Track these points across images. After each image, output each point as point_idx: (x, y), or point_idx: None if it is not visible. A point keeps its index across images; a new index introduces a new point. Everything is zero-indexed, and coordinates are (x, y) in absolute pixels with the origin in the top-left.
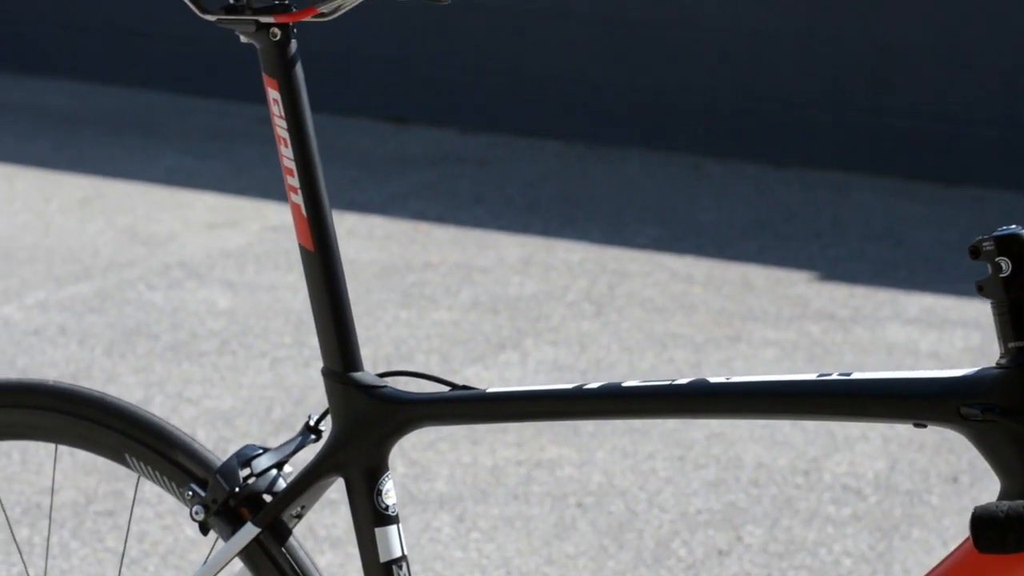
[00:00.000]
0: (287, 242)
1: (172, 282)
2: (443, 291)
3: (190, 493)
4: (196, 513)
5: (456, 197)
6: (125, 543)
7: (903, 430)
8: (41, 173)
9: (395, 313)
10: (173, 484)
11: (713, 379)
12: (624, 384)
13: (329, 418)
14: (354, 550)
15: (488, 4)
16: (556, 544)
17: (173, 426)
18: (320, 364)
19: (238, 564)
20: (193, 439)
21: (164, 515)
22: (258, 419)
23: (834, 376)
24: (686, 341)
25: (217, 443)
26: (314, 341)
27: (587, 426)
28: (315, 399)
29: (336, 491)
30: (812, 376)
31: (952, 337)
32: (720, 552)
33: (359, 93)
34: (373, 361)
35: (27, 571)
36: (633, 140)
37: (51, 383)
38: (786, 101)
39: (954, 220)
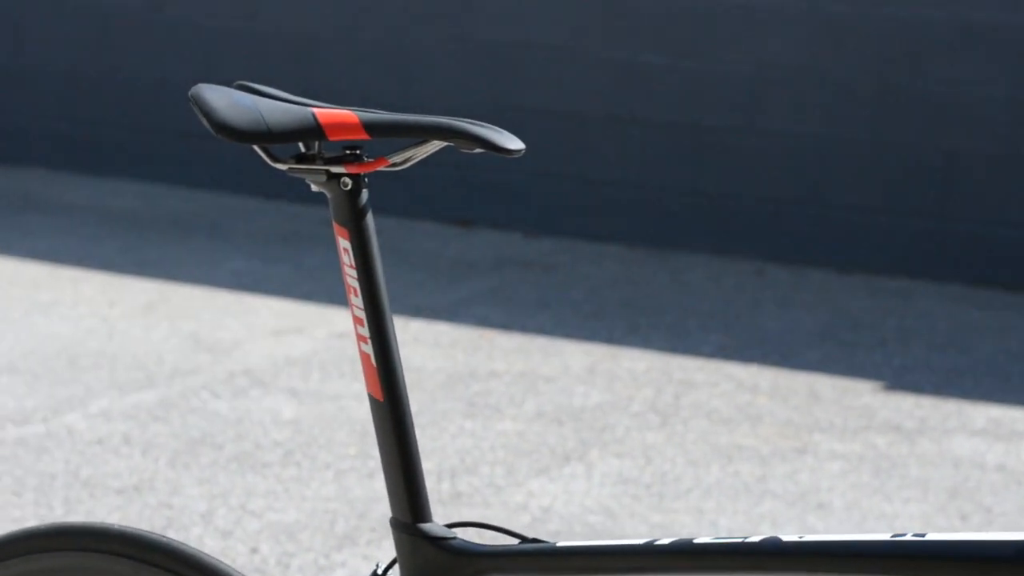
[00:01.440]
0: (352, 349)
1: (237, 390)
2: (508, 401)
3: None
4: None
5: (520, 303)
6: None
7: None
8: (106, 276)
9: (460, 423)
10: None
11: (786, 538)
12: (696, 540)
13: (397, 568)
14: None
15: (553, 108)
16: None
17: (239, 572)
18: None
19: None
20: None
21: None
22: (322, 533)
23: (908, 537)
24: (752, 453)
25: (280, 557)
26: (379, 453)
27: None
28: (379, 512)
29: None
30: (886, 536)
31: (1019, 449)
32: None
33: (424, 196)
34: (437, 474)
35: None
36: (697, 245)
37: (118, 528)
38: (850, 207)
39: (1019, 328)
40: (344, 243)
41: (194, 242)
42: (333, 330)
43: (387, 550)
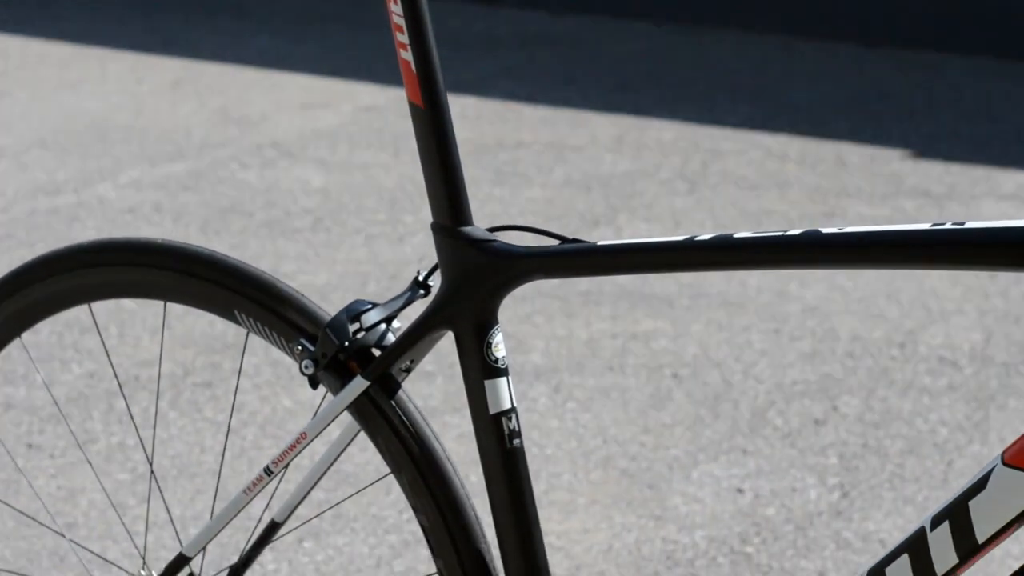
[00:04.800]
0: (379, 122)
1: (265, 161)
2: (536, 169)
3: (299, 348)
4: (306, 367)
5: (547, 78)
6: (232, 410)
7: (999, 303)
8: (133, 55)
9: (488, 191)
10: (282, 339)
11: (826, 230)
12: (736, 235)
13: (438, 273)
14: (450, 419)
15: None
16: (652, 414)
17: (282, 282)
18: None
19: (338, 429)
20: (302, 294)
21: (262, 386)
22: (353, 293)
23: (948, 225)
24: (780, 217)
25: None
26: (408, 218)
27: (682, 299)
28: (409, 273)
29: (431, 363)
30: (925, 226)
31: None
32: (816, 421)
33: None
34: None
35: (141, 435)
36: (724, 20)
37: (160, 241)
38: None
39: None
40: None
41: (219, 22)
42: (360, 104)
43: (419, 308)
